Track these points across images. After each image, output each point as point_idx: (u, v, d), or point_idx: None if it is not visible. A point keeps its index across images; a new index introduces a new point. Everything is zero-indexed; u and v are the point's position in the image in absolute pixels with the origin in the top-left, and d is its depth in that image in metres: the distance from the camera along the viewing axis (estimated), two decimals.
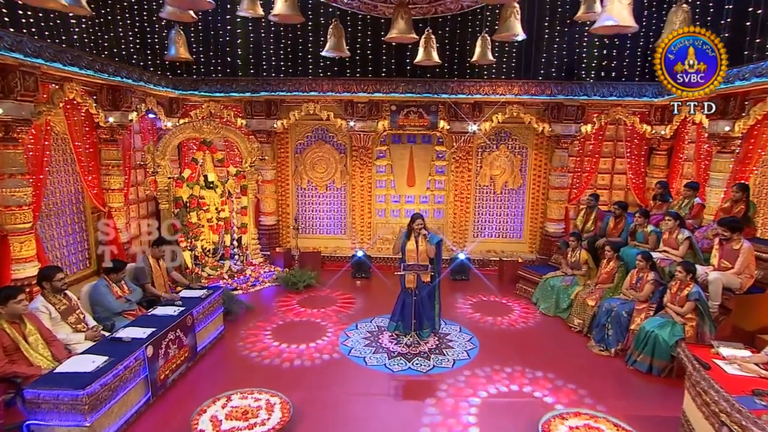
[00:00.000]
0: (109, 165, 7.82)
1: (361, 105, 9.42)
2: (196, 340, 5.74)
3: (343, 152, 10.18)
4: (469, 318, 7.37)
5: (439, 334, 6.69)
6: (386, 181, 10.26)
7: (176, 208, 7.94)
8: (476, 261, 9.84)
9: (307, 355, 6.03)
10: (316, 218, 10.48)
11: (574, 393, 5.17)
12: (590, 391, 5.20)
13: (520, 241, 10.37)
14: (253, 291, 8.42)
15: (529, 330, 6.94)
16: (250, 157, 8.89)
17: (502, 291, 8.66)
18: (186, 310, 5.62)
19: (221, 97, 9.43)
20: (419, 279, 6.26)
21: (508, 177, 10.11)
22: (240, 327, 6.86)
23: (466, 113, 9.38)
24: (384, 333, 6.70)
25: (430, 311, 6.47)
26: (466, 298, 8.22)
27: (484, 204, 10.30)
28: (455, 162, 9.98)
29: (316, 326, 6.90)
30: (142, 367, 4.64)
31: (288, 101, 9.57)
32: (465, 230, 10.27)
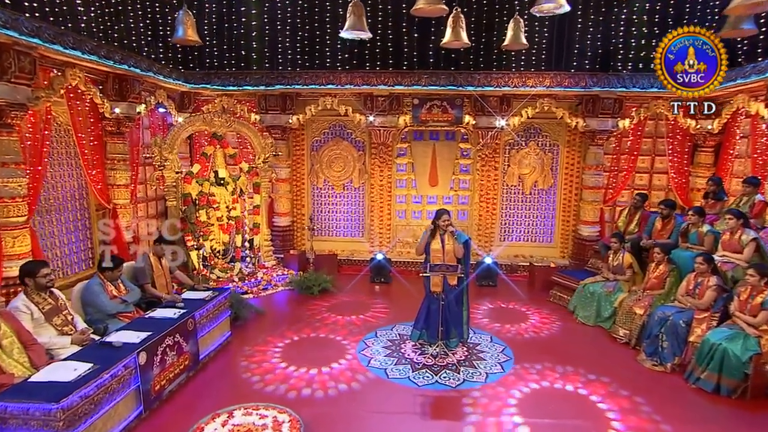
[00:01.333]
0: (115, 159, 7.36)
1: (381, 99, 8.84)
2: (198, 347, 5.14)
3: (361, 150, 9.59)
4: (500, 327, 6.65)
5: (467, 343, 5.99)
6: (407, 181, 9.63)
7: (184, 205, 7.41)
8: (504, 266, 9.11)
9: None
10: (332, 219, 9.88)
11: (635, 415, 4.42)
12: (662, 416, 4.44)
13: (551, 246, 9.61)
14: (265, 295, 7.82)
15: (567, 341, 6.19)
16: (264, 153, 8.34)
17: (534, 298, 7.92)
18: (187, 312, 5.03)
19: (234, 91, 8.93)
20: (446, 282, 5.60)
21: (537, 176, 9.39)
22: (249, 333, 6.25)
23: (493, 107, 8.72)
24: (407, 342, 6.03)
25: (458, 318, 5.78)
26: (495, 306, 7.50)
27: (512, 205, 9.59)
28: (481, 160, 9.31)
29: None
30: (134, 376, 4.05)
31: (304, 95, 9.04)
32: (491, 233, 9.55)
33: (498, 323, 6.78)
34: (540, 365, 5.43)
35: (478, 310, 7.24)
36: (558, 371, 5.29)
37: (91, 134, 7.00)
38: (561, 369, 5.33)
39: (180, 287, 6.17)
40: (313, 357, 5.52)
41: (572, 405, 4.62)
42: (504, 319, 6.95)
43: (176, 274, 6.00)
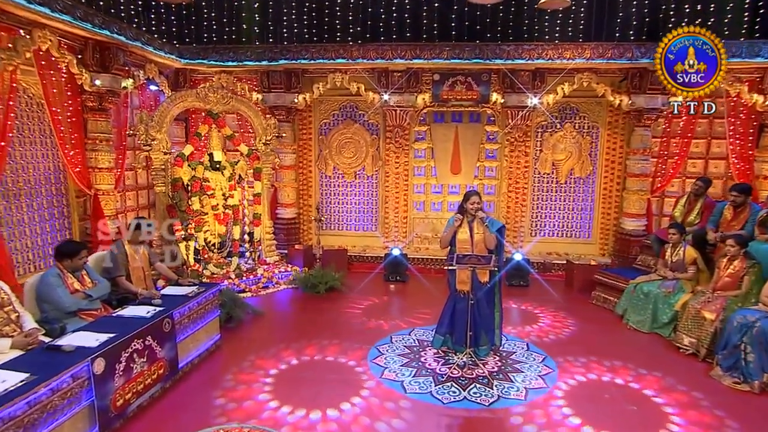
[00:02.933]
0: (97, 139, 6.67)
1: (398, 75, 8.04)
2: (177, 353, 4.37)
3: (375, 133, 8.79)
4: (537, 333, 5.78)
5: (500, 352, 5.15)
6: (426, 168, 8.81)
7: (174, 191, 6.68)
8: (536, 264, 8.22)
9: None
10: (342, 212, 9.09)
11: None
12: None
13: (589, 241, 8.69)
14: (265, 294, 7.06)
15: (619, 351, 5.29)
16: (265, 134, 7.60)
17: (573, 300, 7.04)
18: (164, 311, 4.27)
19: (234, 67, 8.21)
20: (475, 278, 4.78)
21: (574, 163, 8.49)
22: (243, 336, 5.48)
23: (524, 83, 7.86)
24: (428, 349, 5.20)
25: (489, 321, 4.95)
26: (529, 309, 6.63)
27: (545, 196, 8.70)
28: (510, 145, 8.45)
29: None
30: (86, 389, 3.29)
31: (311, 71, 8.28)
32: (521, 227, 8.68)
33: (533, 328, 5.92)
34: (590, 379, 4.56)
35: (509, 313, 6.38)
36: (614, 388, 4.41)
37: (69, 109, 6.32)
38: (618, 383, 4.46)
39: (164, 283, 5.44)
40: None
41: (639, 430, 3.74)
42: (541, 323, 6.09)
43: (157, 266, 5.26)
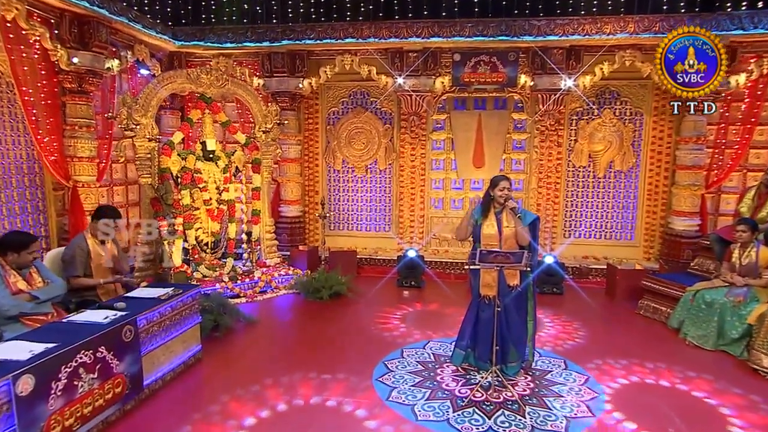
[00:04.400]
0: (76, 125, 6.14)
1: (413, 55, 7.37)
2: (141, 367, 3.72)
3: (388, 122, 8.12)
4: (577, 348, 4.99)
5: (533, 371, 4.37)
6: (445, 161, 8.09)
7: (161, 182, 6.10)
8: (570, 269, 7.41)
9: None
10: (352, 210, 8.41)
11: None
12: None
13: (631, 243, 7.83)
14: (262, 299, 6.41)
15: (676, 371, 4.46)
16: (265, 122, 6.99)
17: (616, 311, 6.23)
18: (126, 316, 3.63)
19: (233, 49, 7.65)
20: (502, 280, 4.05)
21: (614, 154, 7.66)
22: (229, 349, 4.82)
23: (557, 63, 7.11)
24: (445, 366, 4.45)
25: (519, 333, 4.21)
26: (564, 319, 5.83)
27: (580, 192, 7.88)
28: (540, 134, 7.68)
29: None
30: (5, 414, 2.65)
31: (317, 53, 7.67)
32: (553, 227, 7.87)
33: (572, 343, 5.12)
34: (647, 404, 3.76)
35: (542, 324, 5.60)
36: (677, 421, 3.61)
37: (43, 90, 5.79)
38: (687, 413, 3.65)
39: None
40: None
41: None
42: (580, 337, 5.29)
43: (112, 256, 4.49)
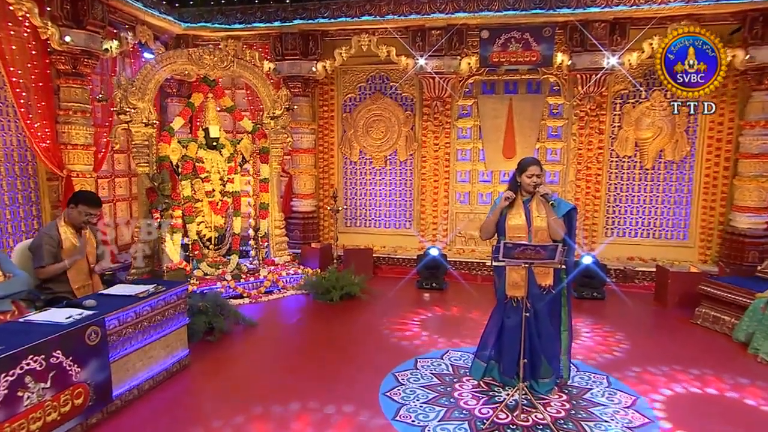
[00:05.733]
0: (70, 110, 5.83)
1: (436, 33, 6.83)
2: (109, 375, 3.29)
3: (409, 109, 7.59)
4: (622, 362, 4.34)
5: (568, 388, 3.77)
6: (472, 152, 7.50)
7: (158, 171, 5.74)
8: (613, 271, 6.72)
9: None
10: (370, 205, 7.91)
11: None
12: None
13: (685, 243, 7.05)
14: (267, 300, 5.98)
15: (749, 395, 3.78)
16: (275, 107, 6.57)
17: (668, 319, 5.54)
18: (92, 316, 3.21)
19: (241, 30, 7.27)
20: (532, 280, 3.48)
21: (665, 142, 6.92)
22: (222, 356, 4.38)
23: (599, 39, 6.46)
24: (465, 380, 3.89)
25: (552, 343, 3.62)
26: (607, 329, 5.17)
27: (625, 185, 7.16)
28: (580, 120, 7.02)
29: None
30: None
31: (332, 33, 7.23)
32: (593, 225, 7.18)
33: (616, 356, 4.47)
34: None
35: (580, 334, 4.96)
36: None
37: (33, 71, 5.51)
38: None
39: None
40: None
41: None
42: (623, 349, 4.63)
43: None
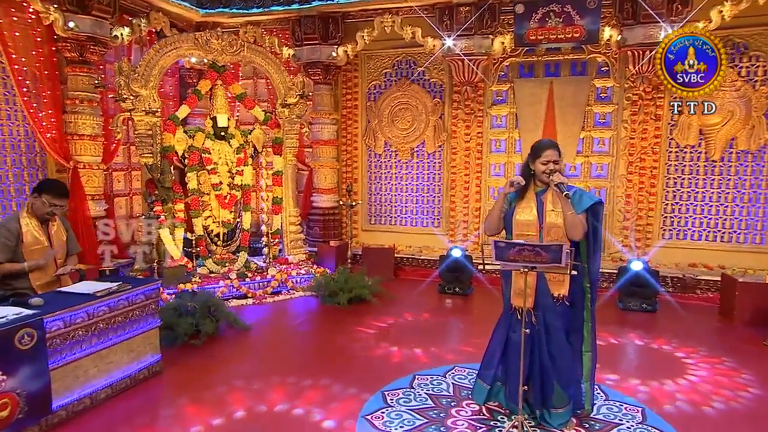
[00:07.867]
0: (77, 99, 5.75)
1: (465, 10, 6.27)
2: (49, 382, 3.02)
3: (438, 96, 7.04)
4: (664, 390, 3.63)
5: (590, 422, 3.12)
6: (507, 142, 6.85)
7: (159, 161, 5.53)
8: (668, 279, 5.90)
9: None
10: (395, 201, 7.42)
11: None
12: None
13: (761, 249, 6.05)
14: (272, 302, 5.66)
15: None
16: (288, 94, 6.23)
17: (734, 338, 4.72)
18: (28, 316, 2.95)
19: (260, 14, 7.01)
20: (542, 287, 2.91)
21: (737, 129, 5.98)
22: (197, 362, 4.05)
23: (655, 8, 5.68)
24: (465, 405, 3.34)
25: (568, 366, 3.01)
26: (651, 347, 4.43)
27: (686, 180, 6.27)
28: (632, 105, 6.21)
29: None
30: None
31: (353, 15, 6.83)
32: (647, 225, 6.34)
33: (660, 383, 3.75)
34: None
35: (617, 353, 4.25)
36: None
37: (38, 59, 5.46)
38: None
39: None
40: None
41: None
42: (672, 375, 3.89)
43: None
